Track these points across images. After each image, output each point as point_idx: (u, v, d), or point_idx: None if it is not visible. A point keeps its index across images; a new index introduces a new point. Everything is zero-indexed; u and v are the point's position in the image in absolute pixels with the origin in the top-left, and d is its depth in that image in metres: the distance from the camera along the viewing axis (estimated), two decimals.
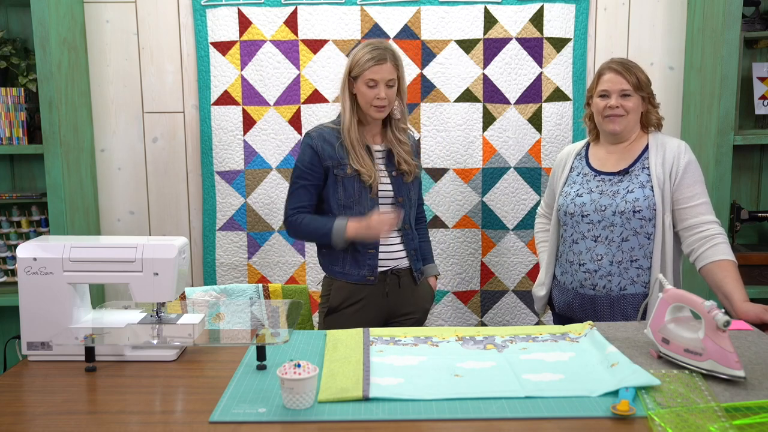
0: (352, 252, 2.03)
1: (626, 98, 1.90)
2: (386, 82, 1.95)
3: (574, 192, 1.98)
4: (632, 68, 1.91)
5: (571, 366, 1.44)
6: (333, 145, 2.00)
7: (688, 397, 1.26)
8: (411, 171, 2.07)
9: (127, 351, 1.52)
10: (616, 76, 1.90)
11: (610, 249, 1.91)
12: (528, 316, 2.87)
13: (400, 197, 2.06)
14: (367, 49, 1.96)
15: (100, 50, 2.81)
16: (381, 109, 1.97)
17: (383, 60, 1.94)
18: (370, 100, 1.96)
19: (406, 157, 2.06)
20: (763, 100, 2.66)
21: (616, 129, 1.93)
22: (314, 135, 2.03)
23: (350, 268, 2.05)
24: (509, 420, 1.21)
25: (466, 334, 1.66)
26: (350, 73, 1.98)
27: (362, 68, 1.94)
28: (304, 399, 1.25)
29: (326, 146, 2.00)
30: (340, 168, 1.99)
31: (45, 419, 1.24)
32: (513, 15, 2.73)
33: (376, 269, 2.03)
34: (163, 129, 2.85)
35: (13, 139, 2.60)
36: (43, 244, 1.54)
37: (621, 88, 1.89)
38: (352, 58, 1.98)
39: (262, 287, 2.31)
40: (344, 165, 1.99)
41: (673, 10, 2.77)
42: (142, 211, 2.90)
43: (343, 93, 2.01)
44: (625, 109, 1.90)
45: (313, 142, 2.01)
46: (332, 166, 2.00)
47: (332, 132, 2.03)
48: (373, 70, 1.93)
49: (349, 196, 2.00)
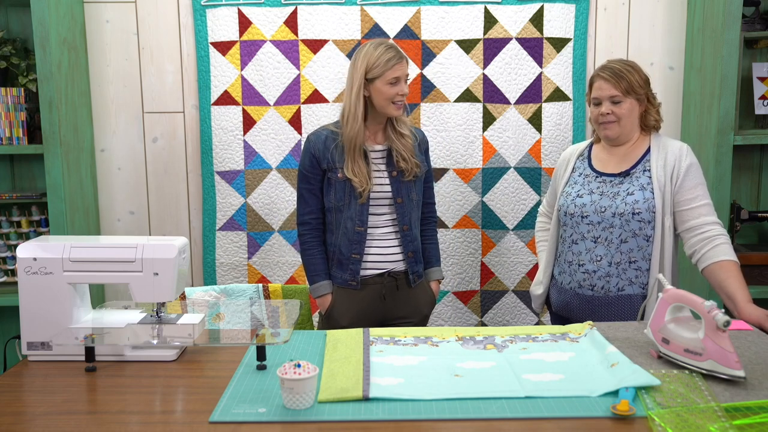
0: (338, 255, 2.06)
1: (617, 104, 1.89)
2: (405, 78, 2.00)
3: (575, 192, 1.98)
4: (623, 72, 1.88)
5: (571, 366, 1.44)
6: (329, 148, 2.02)
7: (688, 397, 1.26)
8: (410, 169, 2.04)
9: (127, 351, 1.52)
10: (605, 83, 1.89)
11: (609, 250, 1.91)
12: (528, 316, 2.87)
13: (399, 198, 2.04)
14: (381, 49, 1.97)
15: (100, 50, 2.81)
16: (401, 105, 2.01)
17: (402, 58, 1.99)
18: (391, 98, 1.97)
19: (406, 155, 2.04)
20: (763, 100, 2.66)
21: (610, 135, 1.94)
22: (313, 138, 2.05)
23: (335, 270, 2.07)
24: (509, 420, 1.21)
25: (466, 334, 1.66)
26: (367, 75, 1.98)
27: (384, 68, 1.95)
28: (304, 399, 1.25)
29: (323, 149, 2.02)
30: (332, 172, 2.01)
31: (45, 419, 1.24)
32: (513, 15, 2.73)
33: (358, 274, 2.04)
34: (163, 129, 2.85)
35: (13, 139, 2.60)
36: (43, 244, 1.54)
37: (610, 95, 1.89)
38: (367, 62, 1.97)
39: (262, 287, 2.31)
40: (336, 170, 2.00)
41: (673, 10, 2.77)
42: (142, 211, 2.90)
43: (356, 98, 1.99)
44: (617, 115, 1.90)
45: (311, 146, 2.04)
46: (327, 168, 2.02)
47: (331, 135, 2.04)
48: (395, 69, 1.96)
49: (339, 199, 2.02)
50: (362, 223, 2.02)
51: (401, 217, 2.05)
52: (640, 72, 1.92)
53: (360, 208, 2.01)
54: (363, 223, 2.02)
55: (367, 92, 1.99)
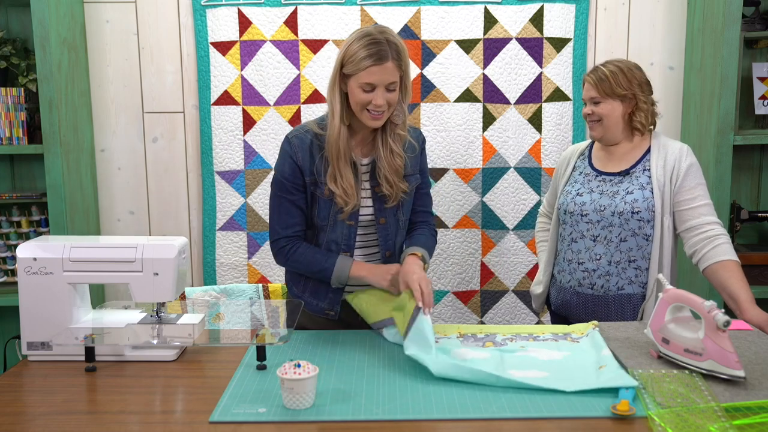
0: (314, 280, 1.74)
1: (597, 105, 1.93)
2: (386, 86, 1.58)
3: (575, 191, 1.99)
4: (606, 75, 1.89)
5: (561, 365, 1.45)
6: (314, 157, 1.67)
7: (688, 397, 1.26)
8: (393, 195, 1.69)
9: (127, 351, 1.52)
10: (588, 85, 1.95)
11: (608, 249, 1.91)
12: (528, 316, 2.87)
13: (381, 218, 1.73)
14: (364, 41, 1.56)
15: (100, 50, 2.80)
16: (377, 116, 1.60)
17: (383, 59, 1.55)
18: (363, 105, 1.59)
19: (390, 176, 1.68)
20: (763, 100, 2.66)
21: (594, 135, 1.98)
22: (294, 141, 1.68)
23: (309, 296, 1.77)
24: (509, 420, 1.21)
25: (468, 332, 1.67)
26: (342, 68, 1.60)
27: (357, 67, 1.56)
28: (304, 399, 1.25)
29: (307, 158, 1.67)
30: (317, 186, 1.68)
31: (45, 419, 1.24)
32: (513, 15, 2.73)
33: (337, 304, 1.75)
34: (163, 129, 2.85)
35: (13, 139, 2.60)
36: (43, 244, 1.54)
37: (590, 96, 1.94)
38: (345, 50, 1.59)
39: (262, 287, 2.31)
40: (321, 185, 1.67)
41: (673, 10, 2.77)
42: (142, 211, 2.90)
43: (332, 91, 1.63)
44: (598, 114, 1.93)
45: (292, 150, 1.67)
46: (310, 182, 1.69)
47: (316, 140, 1.68)
48: (370, 72, 1.55)
49: (323, 218, 1.70)
50: (348, 247, 1.71)
51: (384, 241, 1.75)
52: (629, 74, 1.89)
53: (348, 230, 1.70)
54: (350, 247, 1.71)
55: (346, 89, 1.63)
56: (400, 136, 1.69)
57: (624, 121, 1.93)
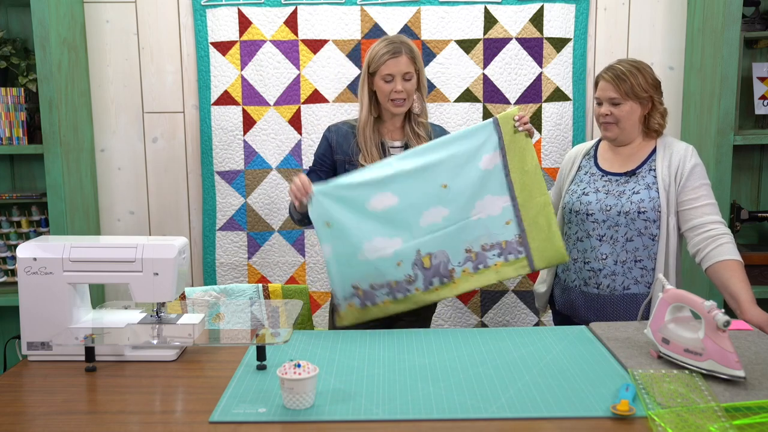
0: None
1: (616, 106, 1.90)
2: (403, 76, 1.96)
3: (581, 190, 1.99)
4: (626, 75, 1.87)
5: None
6: (349, 141, 2.03)
7: (688, 397, 1.26)
8: None
9: (127, 351, 1.52)
10: (607, 84, 1.90)
11: (614, 249, 1.91)
12: (528, 316, 2.87)
13: None
14: (383, 44, 1.98)
15: (100, 50, 2.80)
16: (399, 103, 1.98)
17: (398, 53, 1.95)
18: (387, 95, 1.97)
19: None
20: (763, 100, 2.66)
21: (609, 136, 1.95)
22: (333, 129, 2.09)
23: None
24: (509, 420, 1.21)
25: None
26: (368, 69, 2.00)
27: (378, 63, 1.96)
28: (304, 399, 1.25)
29: (341, 140, 2.04)
30: (350, 164, 2.01)
31: (45, 419, 1.24)
32: (513, 15, 2.73)
33: None
34: (163, 129, 2.85)
35: (13, 139, 2.60)
36: (43, 244, 1.54)
37: (610, 96, 1.90)
38: (369, 54, 2.00)
39: (262, 287, 2.31)
40: (355, 162, 2.01)
41: (673, 10, 2.77)
42: (142, 211, 2.90)
43: (362, 90, 2.03)
44: (616, 116, 1.90)
45: (329, 135, 2.07)
46: (344, 160, 2.02)
47: (351, 129, 2.06)
48: (388, 65, 1.94)
49: None
50: None
51: None
52: (646, 75, 1.90)
53: None
54: None
55: (374, 87, 2.01)
56: (423, 124, 2.07)
57: (640, 122, 1.93)
